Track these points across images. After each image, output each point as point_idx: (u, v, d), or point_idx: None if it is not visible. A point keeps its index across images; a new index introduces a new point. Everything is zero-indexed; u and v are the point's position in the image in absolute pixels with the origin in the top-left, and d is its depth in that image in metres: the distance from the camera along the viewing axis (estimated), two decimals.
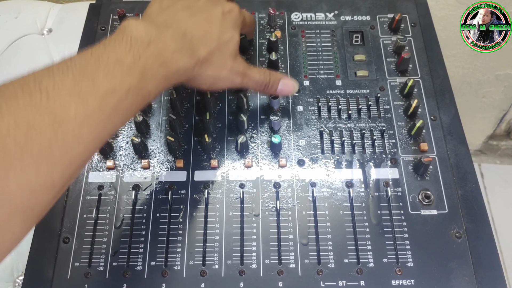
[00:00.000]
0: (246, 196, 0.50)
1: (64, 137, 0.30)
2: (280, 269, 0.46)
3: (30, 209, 0.29)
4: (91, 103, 0.32)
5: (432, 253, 0.46)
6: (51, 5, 0.91)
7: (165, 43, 0.39)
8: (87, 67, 0.33)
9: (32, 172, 0.29)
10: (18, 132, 0.28)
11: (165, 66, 0.38)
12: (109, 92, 0.33)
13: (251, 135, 0.53)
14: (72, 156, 0.31)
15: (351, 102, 0.55)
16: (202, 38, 0.42)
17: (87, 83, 0.32)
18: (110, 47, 0.36)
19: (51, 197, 0.31)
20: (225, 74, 0.45)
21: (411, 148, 0.52)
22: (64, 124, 0.30)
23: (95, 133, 0.32)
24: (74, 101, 0.31)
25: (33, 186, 0.29)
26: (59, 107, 0.30)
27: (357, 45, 0.60)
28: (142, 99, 0.37)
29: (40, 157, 0.29)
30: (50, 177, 0.30)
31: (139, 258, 0.47)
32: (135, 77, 0.35)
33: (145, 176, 0.51)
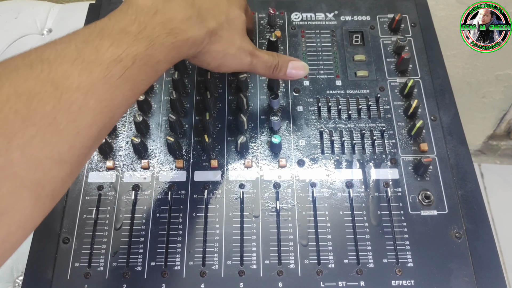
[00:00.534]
0: (246, 197, 0.50)
1: (68, 107, 0.29)
2: (280, 270, 0.46)
3: (40, 185, 0.28)
4: (96, 72, 0.31)
5: (432, 254, 0.46)
6: (51, 5, 0.91)
7: (173, 12, 0.37)
8: (90, 37, 0.32)
9: (36, 144, 0.28)
10: (19, 102, 0.27)
11: (174, 34, 0.37)
12: (114, 61, 0.32)
13: (251, 135, 0.53)
14: (79, 126, 0.30)
15: (351, 102, 0.55)
16: (211, 10, 0.41)
17: (90, 51, 0.31)
18: (115, 18, 0.35)
19: (63, 173, 0.30)
20: (234, 51, 0.44)
21: (411, 148, 0.52)
22: (68, 93, 0.29)
23: (102, 103, 0.31)
24: (77, 70, 0.30)
25: (39, 158, 0.28)
26: (62, 76, 0.29)
27: (357, 45, 0.60)
28: (152, 69, 0.36)
29: (43, 126, 0.28)
30: (56, 148, 0.29)
31: (139, 259, 0.47)
32: (141, 45, 0.34)
33: (145, 176, 0.51)
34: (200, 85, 0.57)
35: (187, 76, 0.57)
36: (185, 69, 0.57)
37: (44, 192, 0.29)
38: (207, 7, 0.41)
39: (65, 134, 0.29)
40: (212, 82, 0.55)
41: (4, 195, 0.26)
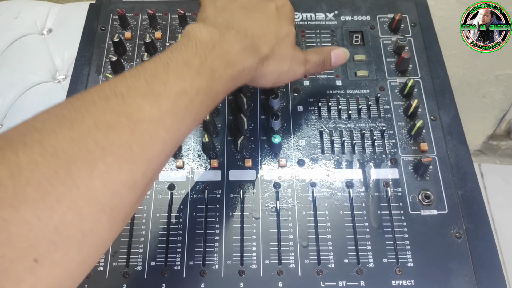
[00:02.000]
0: (246, 196, 0.50)
1: (141, 137, 0.31)
2: (280, 269, 0.46)
3: (116, 210, 0.30)
4: (165, 104, 0.33)
5: (432, 253, 0.46)
6: (51, 5, 0.91)
7: (229, 44, 0.39)
8: (158, 71, 0.34)
9: (114, 171, 0.29)
10: (99, 133, 0.29)
11: (232, 66, 0.39)
12: (181, 93, 0.34)
13: (251, 135, 0.53)
14: (150, 155, 0.32)
15: (351, 102, 0.55)
16: (263, 36, 0.43)
17: (159, 85, 0.33)
18: (177, 51, 0.37)
19: (134, 198, 0.32)
20: (286, 67, 0.46)
21: (411, 148, 0.52)
22: (141, 124, 0.31)
23: (170, 133, 0.33)
24: (148, 103, 0.32)
25: (117, 185, 0.30)
26: (135, 108, 0.31)
27: (357, 45, 0.60)
28: (212, 100, 0.37)
29: (121, 156, 0.30)
30: (131, 176, 0.30)
31: (139, 258, 0.47)
32: (204, 78, 0.36)
33: None
34: None
35: None
36: None
37: (120, 216, 0.31)
38: (259, 33, 0.42)
39: (139, 162, 0.31)
40: None
41: (87, 219, 0.28)
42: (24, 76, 0.82)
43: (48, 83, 0.82)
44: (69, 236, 0.27)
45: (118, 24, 0.62)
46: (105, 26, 0.62)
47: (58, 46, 0.85)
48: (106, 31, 0.62)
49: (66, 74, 0.84)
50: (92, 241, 0.29)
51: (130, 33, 0.61)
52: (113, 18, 0.63)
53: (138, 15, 0.63)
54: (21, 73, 0.82)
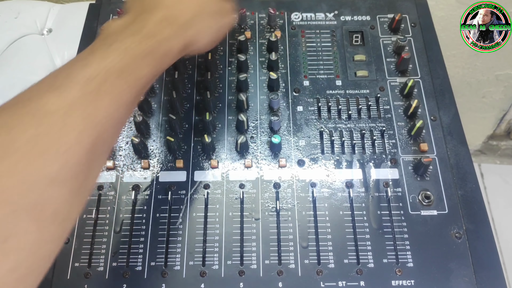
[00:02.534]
0: (246, 197, 0.50)
1: (49, 129, 0.30)
2: (280, 270, 0.46)
3: (38, 207, 0.29)
4: (72, 93, 0.32)
5: (432, 254, 0.46)
6: (51, 5, 0.91)
7: (141, 23, 0.39)
8: (64, 67, 0.35)
9: (22, 167, 0.28)
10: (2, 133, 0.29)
11: (146, 40, 0.38)
12: (87, 79, 0.33)
13: (251, 135, 0.53)
14: (65, 145, 0.31)
15: (351, 102, 0.55)
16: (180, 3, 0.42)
17: (63, 78, 0.33)
18: (88, 47, 0.37)
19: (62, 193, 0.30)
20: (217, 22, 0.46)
21: (411, 148, 0.52)
22: (47, 117, 0.31)
23: (84, 120, 0.32)
24: (53, 95, 0.32)
25: (28, 180, 0.29)
26: (38, 104, 0.31)
27: (357, 45, 0.60)
28: (131, 78, 0.36)
29: (27, 151, 0.29)
30: (45, 169, 0.29)
31: (139, 259, 0.47)
32: (113, 59, 0.35)
33: (145, 176, 0.51)
34: (200, 85, 0.57)
35: (187, 76, 0.57)
36: (185, 69, 0.57)
37: (45, 214, 0.29)
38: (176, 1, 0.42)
39: (52, 155, 0.30)
40: (212, 82, 0.55)
41: (2, 222, 0.27)
42: (24, 76, 0.81)
43: None
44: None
45: None
46: None
47: (58, 46, 0.85)
48: None
49: None
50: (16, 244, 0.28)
51: None
52: (113, 18, 0.62)
53: None
54: (21, 73, 0.82)
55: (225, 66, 0.58)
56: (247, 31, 0.60)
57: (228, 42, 0.60)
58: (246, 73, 0.57)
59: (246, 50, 0.59)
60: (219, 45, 0.60)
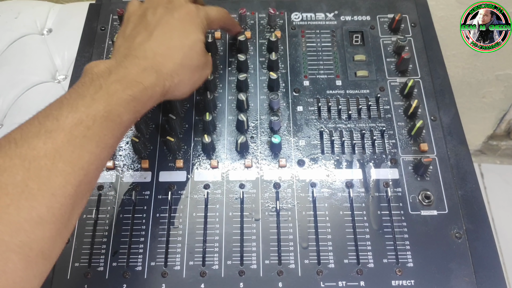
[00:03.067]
0: (246, 197, 0.50)
1: (37, 173, 0.32)
2: (280, 270, 0.46)
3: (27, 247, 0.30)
4: (59, 138, 0.33)
5: (432, 254, 0.46)
6: (51, 5, 0.91)
7: (126, 69, 0.40)
8: (51, 109, 0.35)
9: (12, 210, 0.30)
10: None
11: (130, 87, 0.39)
12: (75, 124, 0.35)
13: (251, 135, 0.53)
14: (52, 188, 0.32)
15: (351, 102, 0.55)
16: (165, 54, 0.43)
17: (51, 122, 0.34)
18: (73, 89, 0.38)
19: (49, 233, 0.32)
20: (198, 75, 0.48)
21: (411, 148, 0.52)
22: (36, 161, 0.32)
23: (71, 164, 0.34)
24: (41, 140, 0.33)
25: (18, 222, 0.30)
26: (28, 148, 0.32)
27: (357, 45, 0.60)
28: (114, 123, 0.37)
29: (16, 194, 0.31)
30: (34, 211, 0.31)
31: (139, 259, 0.47)
32: (100, 104, 0.36)
33: (145, 176, 0.51)
34: None
35: None
36: None
37: (33, 253, 0.31)
38: (161, 52, 0.43)
39: (40, 198, 0.32)
40: (212, 82, 0.55)
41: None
42: (24, 76, 0.82)
43: (48, 83, 0.82)
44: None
45: (118, 24, 0.62)
46: (105, 26, 0.62)
47: (58, 46, 0.85)
48: (106, 31, 0.62)
49: (66, 74, 0.84)
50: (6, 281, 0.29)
51: None
52: (113, 18, 0.62)
53: None
54: (21, 73, 0.82)
55: (225, 66, 0.58)
56: (247, 31, 0.60)
57: (228, 42, 0.60)
58: (246, 73, 0.57)
59: (246, 50, 0.59)
60: (219, 45, 0.60)
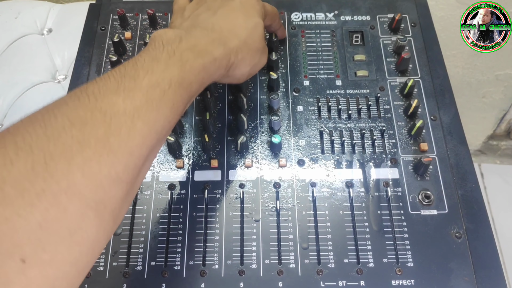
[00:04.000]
0: (246, 196, 0.50)
1: (118, 130, 0.31)
2: (280, 269, 0.46)
3: (102, 204, 0.30)
4: (137, 97, 0.33)
5: (432, 253, 0.46)
6: (51, 5, 0.91)
7: (196, 38, 0.41)
8: (126, 70, 0.35)
9: (94, 165, 0.29)
10: (73, 128, 0.30)
11: (202, 56, 0.39)
12: (152, 86, 0.35)
13: (251, 135, 0.53)
14: (130, 147, 0.32)
15: (351, 102, 0.55)
16: (232, 29, 0.45)
17: (129, 81, 0.34)
18: (145, 52, 0.38)
19: (120, 192, 0.32)
20: (258, 58, 0.48)
21: (411, 148, 0.52)
22: (116, 117, 0.32)
23: (148, 125, 0.33)
24: (121, 97, 0.33)
25: (99, 178, 0.30)
26: (108, 103, 0.32)
27: (357, 45, 0.60)
28: (186, 91, 0.38)
29: (99, 149, 0.30)
30: (113, 169, 0.31)
31: (139, 258, 0.47)
32: (174, 70, 0.37)
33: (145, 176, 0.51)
34: None
35: None
36: None
37: (106, 211, 0.31)
38: (227, 27, 0.44)
39: (120, 155, 0.31)
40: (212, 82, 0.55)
41: (72, 214, 0.28)
42: (24, 76, 0.82)
43: (48, 83, 0.82)
44: (55, 234, 0.27)
45: (118, 24, 0.62)
46: (105, 26, 0.62)
47: (58, 46, 0.85)
48: (106, 31, 0.62)
49: (66, 74, 0.84)
50: (81, 238, 0.29)
51: (130, 33, 0.61)
52: (113, 18, 0.63)
53: (138, 15, 0.63)
54: (21, 73, 0.82)
55: None
56: None
57: None
58: None
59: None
60: None
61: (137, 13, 0.63)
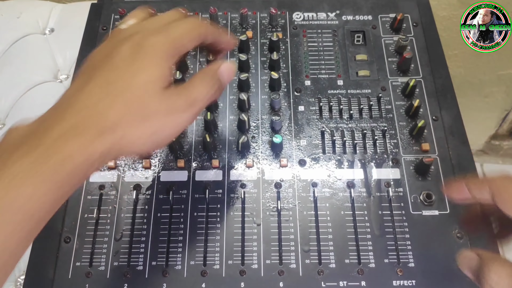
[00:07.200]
0: (247, 196, 0.50)
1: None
2: (281, 269, 0.46)
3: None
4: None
5: (434, 254, 0.46)
6: (53, 5, 0.91)
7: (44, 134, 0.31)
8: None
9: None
10: None
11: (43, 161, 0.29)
12: None
13: (252, 135, 0.53)
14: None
15: (353, 102, 0.55)
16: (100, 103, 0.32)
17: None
18: None
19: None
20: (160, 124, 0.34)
21: (413, 148, 0.52)
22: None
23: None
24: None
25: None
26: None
27: (359, 44, 0.60)
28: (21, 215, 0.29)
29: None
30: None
31: (140, 258, 0.47)
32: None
33: (146, 176, 0.51)
34: None
35: (189, 75, 0.57)
36: (186, 68, 0.57)
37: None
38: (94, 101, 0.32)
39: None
40: None
41: None
42: (26, 76, 0.82)
43: (50, 82, 0.82)
44: None
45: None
46: (107, 26, 0.62)
47: (60, 46, 0.85)
48: (107, 31, 0.62)
49: (68, 74, 0.84)
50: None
51: None
52: (115, 18, 0.63)
53: None
54: (23, 73, 0.82)
55: None
56: (248, 31, 0.60)
57: None
58: (248, 72, 0.57)
59: (247, 50, 0.59)
60: None
61: None
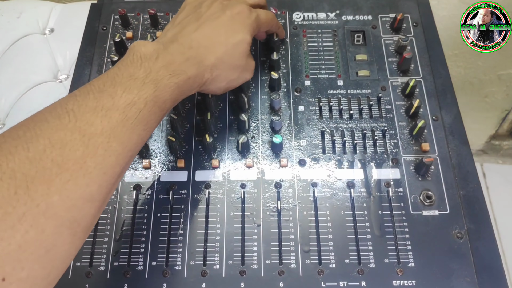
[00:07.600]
0: (247, 196, 0.50)
1: (95, 151, 0.33)
2: (281, 269, 0.46)
3: (76, 223, 0.32)
4: (114, 117, 0.35)
5: (434, 254, 0.46)
6: (53, 5, 0.91)
7: (172, 56, 0.41)
8: (105, 86, 0.36)
9: (71, 187, 0.31)
10: (54, 151, 0.31)
11: (176, 76, 0.40)
12: (129, 105, 0.36)
13: (252, 135, 0.53)
14: (105, 167, 0.33)
15: (353, 102, 0.55)
16: (209, 47, 0.44)
17: (107, 99, 0.35)
18: (124, 66, 0.39)
19: (93, 210, 0.33)
20: (236, 75, 0.48)
21: (413, 148, 0.52)
22: (94, 138, 0.33)
23: (123, 144, 0.35)
24: (99, 117, 0.34)
25: (74, 199, 0.31)
26: (86, 123, 0.33)
27: (359, 44, 0.60)
28: (159, 108, 0.39)
29: (76, 171, 0.31)
30: (88, 189, 0.32)
31: (140, 258, 0.47)
32: (150, 89, 0.38)
33: (146, 176, 0.51)
34: None
35: None
36: None
37: (79, 228, 0.32)
38: (205, 45, 0.44)
39: (94, 175, 0.33)
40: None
41: (49, 234, 0.30)
42: (26, 76, 0.82)
43: (50, 82, 0.82)
44: (33, 253, 0.29)
45: (120, 24, 0.62)
46: (107, 26, 0.62)
47: (60, 46, 0.85)
48: (107, 31, 0.62)
49: (68, 74, 0.84)
50: (55, 255, 0.30)
51: (132, 33, 0.61)
52: (115, 18, 0.63)
53: (140, 15, 0.63)
54: (23, 73, 0.82)
55: None
56: None
57: None
58: None
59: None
60: None
61: (138, 12, 0.63)
